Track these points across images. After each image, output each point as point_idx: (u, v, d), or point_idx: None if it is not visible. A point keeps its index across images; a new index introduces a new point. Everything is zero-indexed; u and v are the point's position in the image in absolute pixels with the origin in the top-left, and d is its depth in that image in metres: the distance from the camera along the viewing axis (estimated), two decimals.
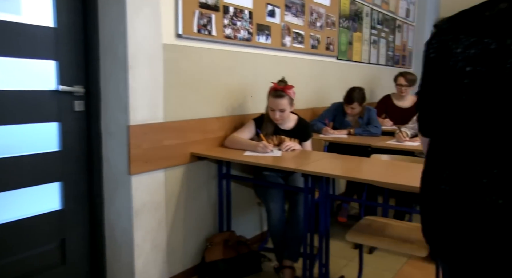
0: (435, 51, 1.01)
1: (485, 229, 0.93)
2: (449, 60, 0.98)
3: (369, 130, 3.36)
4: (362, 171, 2.14)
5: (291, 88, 2.64)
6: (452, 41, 0.98)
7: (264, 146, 2.52)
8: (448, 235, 1.01)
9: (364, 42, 4.49)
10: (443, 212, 1.01)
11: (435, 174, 1.04)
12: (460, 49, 0.96)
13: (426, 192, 1.08)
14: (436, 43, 1.01)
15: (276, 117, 2.65)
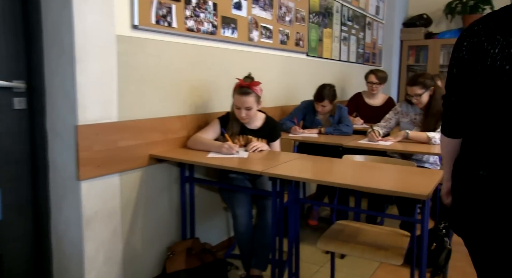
0: (468, 52, 1.05)
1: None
2: (485, 60, 1.01)
3: (340, 129, 3.23)
4: (333, 174, 1.99)
5: (257, 85, 2.47)
6: (488, 42, 1.02)
7: (229, 147, 2.34)
8: (487, 216, 1.08)
9: (334, 38, 4.38)
10: (483, 196, 1.09)
11: (472, 163, 1.11)
12: (497, 49, 1.00)
13: (462, 180, 1.15)
14: (469, 45, 1.06)
15: (242, 116, 2.47)
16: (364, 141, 2.96)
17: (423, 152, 2.74)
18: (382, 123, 3.20)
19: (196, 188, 2.65)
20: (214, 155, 2.31)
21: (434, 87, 2.94)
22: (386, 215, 2.23)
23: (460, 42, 1.09)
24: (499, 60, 0.99)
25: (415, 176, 1.92)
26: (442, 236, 2.72)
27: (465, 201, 1.15)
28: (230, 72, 2.79)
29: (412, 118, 3.10)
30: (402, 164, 2.22)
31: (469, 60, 1.06)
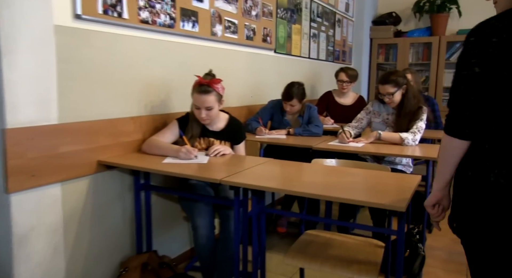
0: (496, 48, 1.04)
1: None
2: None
3: (310, 130, 3.05)
4: (301, 181, 1.79)
5: (219, 83, 2.24)
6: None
7: (187, 151, 2.11)
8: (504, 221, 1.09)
9: (303, 35, 4.20)
10: (502, 205, 1.09)
11: (488, 169, 1.11)
12: None
13: (476, 186, 1.13)
14: (498, 41, 1.04)
15: (202, 117, 2.24)
16: (334, 143, 2.78)
17: (396, 154, 2.59)
18: (353, 124, 3.03)
19: (153, 196, 2.40)
20: (170, 160, 2.08)
21: (406, 86, 2.79)
22: (358, 226, 2.05)
23: (485, 39, 1.06)
24: None
25: (389, 182, 1.75)
26: (416, 242, 2.59)
27: (480, 209, 1.14)
28: (191, 69, 2.55)
29: (385, 118, 2.95)
30: (375, 169, 2.04)
31: (496, 56, 1.05)
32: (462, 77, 1.11)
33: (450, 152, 1.17)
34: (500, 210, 1.10)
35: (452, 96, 1.14)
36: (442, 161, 1.20)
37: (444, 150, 1.18)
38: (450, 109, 1.15)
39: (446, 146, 1.18)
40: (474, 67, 1.08)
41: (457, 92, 1.12)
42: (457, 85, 1.12)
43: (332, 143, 2.76)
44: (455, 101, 1.13)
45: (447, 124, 1.15)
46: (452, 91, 1.15)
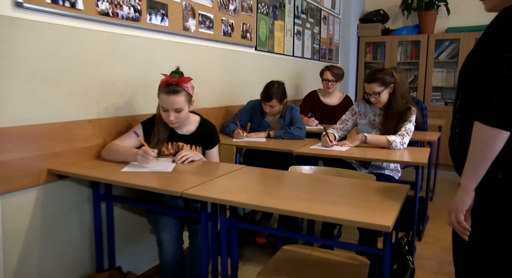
0: None
1: None
2: None
3: (291, 133, 2.82)
4: (274, 194, 1.56)
5: (188, 81, 2.01)
6: None
7: (144, 153, 1.85)
8: None
9: (287, 32, 3.97)
10: None
11: None
12: None
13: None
14: None
15: (171, 120, 2.00)
16: (317, 146, 2.56)
17: (382, 159, 2.37)
18: (338, 125, 2.82)
19: (117, 207, 2.16)
20: (130, 169, 1.83)
21: (394, 85, 2.58)
22: (339, 244, 1.82)
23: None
24: None
25: (374, 194, 1.53)
26: (405, 254, 2.37)
27: None
28: (160, 67, 2.32)
29: (371, 120, 2.74)
30: (359, 177, 1.82)
31: None
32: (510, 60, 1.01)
33: (492, 145, 1.05)
34: None
35: (500, 82, 1.02)
36: (481, 155, 1.08)
37: (484, 142, 1.06)
38: (494, 97, 1.03)
39: (487, 138, 1.05)
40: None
41: (509, 78, 1.01)
42: (508, 69, 1.01)
43: (314, 147, 2.54)
44: (502, 87, 1.02)
45: (491, 114, 1.03)
46: (496, 76, 1.03)
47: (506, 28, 1.04)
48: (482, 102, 1.06)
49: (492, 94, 1.04)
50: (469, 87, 1.15)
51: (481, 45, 1.13)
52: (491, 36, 1.08)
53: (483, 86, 1.06)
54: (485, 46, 1.10)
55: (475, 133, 1.08)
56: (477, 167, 1.10)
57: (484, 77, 1.06)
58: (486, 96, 1.05)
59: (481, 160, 1.09)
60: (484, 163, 1.08)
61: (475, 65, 1.13)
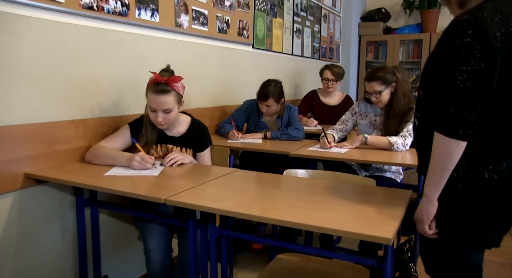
0: (502, 43, 1.03)
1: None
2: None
3: (289, 134, 2.68)
4: (266, 201, 1.42)
5: (178, 81, 1.87)
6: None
7: (141, 159, 1.74)
8: None
9: (286, 30, 3.83)
10: None
11: (481, 166, 1.13)
12: None
13: (469, 185, 1.15)
14: (503, 35, 1.04)
15: (159, 121, 1.87)
16: (315, 148, 2.42)
17: (383, 161, 2.23)
18: (338, 126, 2.68)
19: (103, 213, 2.03)
20: (114, 172, 1.70)
21: (395, 84, 2.44)
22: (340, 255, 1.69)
23: (489, 34, 1.04)
24: None
25: (374, 202, 1.39)
26: (407, 261, 2.23)
27: (476, 206, 1.16)
28: (151, 65, 2.19)
29: (372, 120, 2.60)
30: (358, 181, 1.68)
31: (505, 50, 1.04)
32: (466, 73, 1.04)
33: (452, 156, 1.09)
34: (497, 203, 1.14)
35: (456, 95, 1.06)
36: (442, 166, 1.12)
37: (445, 154, 1.10)
38: (451, 109, 1.07)
39: (448, 150, 1.10)
40: (480, 62, 1.03)
41: (463, 91, 1.05)
42: (462, 82, 1.05)
43: (312, 149, 2.40)
44: (458, 99, 1.06)
45: (450, 126, 1.07)
46: (451, 89, 1.07)
47: (457, 40, 1.07)
48: (441, 114, 1.09)
49: (450, 106, 1.07)
50: (430, 91, 1.18)
51: (437, 53, 1.16)
52: (445, 47, 1.11)
53: (441, 98, 1.10)
54: (440, 56, 1.13)
55: (436, 144, 1.12)
56: (439, 177, 1.13)
57: (441, 89, 1.10)
58: (444, 108, 1.08)
59: (443, 171, 1.12)
60: (446, 173, 1.12)
61: (433, 72, 1.17)
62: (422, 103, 1.22)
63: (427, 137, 1.17)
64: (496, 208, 1.14)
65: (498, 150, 1.12)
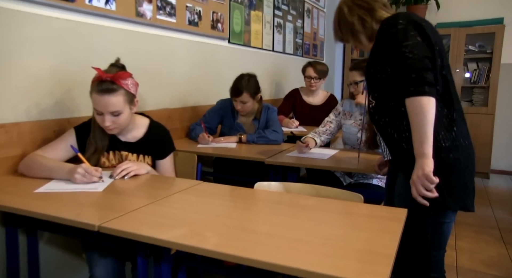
0: (426, 27, 1.27)
1: None
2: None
3: (266, 137, 2.39)
4: (227, 228, 1.12)
5: (127, 77, 1.56)
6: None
7: (85, 172, 1.43)
8: None
9: (266, 24, 3.54)
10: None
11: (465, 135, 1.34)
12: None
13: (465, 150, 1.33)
14: (426, 24, 1.28)
15: (107, 125, 1.56)
16: (295, 154, 2.13)
17: (368, 171, 1.94)
18: (321, 129, 2.39)
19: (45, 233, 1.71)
20: (51, 187, 1.38)
21: None
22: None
23: (416, 19, 1.28)
24: None
25: (363, 227, 1.11)
26: None
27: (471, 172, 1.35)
28: (108, 60, 1.85)
29: (357, 119, 2.33)
30: (343, 197, 1.39)
31: (428, 32, 1.26)
32: (410, 46, 1.22)
33: (428, 110, 1.19)
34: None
35: (410, 63, 1.21)
36: (424, 122, 1.20)
37: (422, 111, 1.19)
38: (414, 74, 1.20)
39: (422, 105, 1.19)
40: (416, 37, 1.23)
41: (414, 58, 1.20)
42: (409, 53, 1.21)
43: (291, 154, 2.11)
44: (418, 66, 1.20)
45: (416, 88, 1.19)
46: (404, 60, 1.22)
47: (392, 29, 1.27)
48: (406, 82, 1.21)
49: (409, 73, 1.20)
50: (383, 85, 1.35)
51: (377, 48, 1.34)
52: (384, 39, 1.30)
53: (401, 72, 1.23)
54: (382, 48, 1.32)
55: (410, 107, 1.21)
56: (426, 132, 1.20)
57: (397, 66, 1.25)
58: (406, 77, 1.21)
59: (426, 125, 1.19)
60: (430, 127, 1.20)
61: (380, 68, 1.33)
62: (378, 87, 1.37)
63: (384, 117, 1.36)
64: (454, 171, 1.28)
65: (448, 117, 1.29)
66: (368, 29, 1.40)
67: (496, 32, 4.44)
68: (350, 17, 1.41)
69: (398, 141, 1.33)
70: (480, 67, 4.76)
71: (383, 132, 1.40)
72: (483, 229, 3.04)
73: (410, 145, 1.25)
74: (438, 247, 1.41)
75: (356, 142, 2.33)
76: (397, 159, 1.40)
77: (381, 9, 1.40)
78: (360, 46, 1.48)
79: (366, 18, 1.39)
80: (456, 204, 1.32)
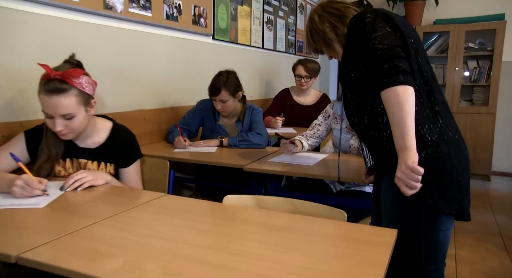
0: (395, 19, 1.17)
1: None
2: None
3: (249, 140, 2.18)
4: (177, 260, 0.91)
5: (79, 75, 1.35)
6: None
7: (25, 184, 1.23)
8: None
9: (254, 20, 3.33)
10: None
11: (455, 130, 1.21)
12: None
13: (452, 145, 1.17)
14: (394, 17, 1.18)
15: (58, 130, 1.36)
16: (279, 159, 1.92)
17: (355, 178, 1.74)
18: (308, 132, 2.18)
19: None
20: None
21: None
22: None
23: (385, 11, 1.19)
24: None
25: (345, 254, 0.90)
26: None
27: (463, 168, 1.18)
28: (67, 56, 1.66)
29: (349, 125, 2.11)
30: (324, 214, 1.19)
31: (398, 23, 1.16)
32: (379, 37, 1.12)
33: (406, 99, 1.06)
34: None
35: (380, 54, 1.11)
36: (404, 112, 1.05)
37: (398, 101, 1.06)
38: (387, 64, 1.09)
39: (399, 95, 1.06)
40: (385, 28, 1.14)
41: (383, 48, 1.10)
42: (379, 43, 1.11)
43: (274, 160, 1.91)
44: (390, 55, 1.09)
45: (390, 77, 1.07)
46: (375, 52, 1.12)
47: (360, 23, 1.17)
48: (379, 75, 1.09)
49: (381, 65, 1.09)
50: (355, 72, 1.23)
51: (348, 46, 1.23)
52: (353, 35, 1.19)
53: (373, 66, 1.12)
54: (351, 44, 1.21)
55: (386, 99, 1.08)
56: (406, 124, 1.06)
57: (367, 61, 1.15)
58: (379, 69, 1.09)
59: (405, 116, 1.06)
60: (410, 117, 1.06)
61: (353, 67, 1.22)
62: (353, 88, 1.25)
63: (362, 119, 1.24)
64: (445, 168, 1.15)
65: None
66: (341, 36, 1.30)
67: (497, 28, 4.23)
68: (321, 26, 1.32)
69: (379, 142, 1.20)
70: (480, 65, 4.54)
71: (364, 135, 1.27)
72: (485, 236, 2.84)
73: (393, 144, 1.10)
74: (435, 259, 1.24)
75: (348, 149, 2.12)
76: (380, 162, 1.26)
77: (353, 15, 1.28)
78: (335, 55, 1.37)
79: (338, 25, 1.30)
80: (451, 207, 1.16)
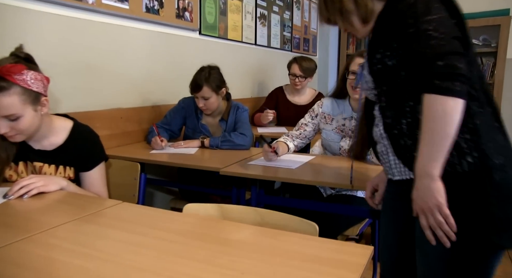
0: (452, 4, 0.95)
1: None
2: None
3: (232, 141, 2.02)
4: None
5: (21, 71, 1.20)
6: None
7: None
8: None
9: (246, 15, 3.17)
10: None
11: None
12: None
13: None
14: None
15: (2, 132, 1.22)
16: (260, 162, 1.77)
17: (342, 184, 1.57)
18: (294, 132, 2.02)
19: None
20: None
21: None
22: None
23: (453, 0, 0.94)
24: None
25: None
26: None
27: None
28: (34, 52, 1.52)
29: (340, 125, 1.95)
30: (295, 227, 1.02)
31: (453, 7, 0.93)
32: (435, 21, 0.87)
33: (453, 117, 0.84)
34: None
35: (439, 45, 0.85)
36: (443, 133, 0.85)
37: (444, 117, 0.84)
38: (446, 62, 0.84)
39: (446, 110, 0.84)
40: (441, 10, 0.90)
41: (440, 37, 0.85)
42: (434, 30, 0.86)
43: (254, 163, 1.75)
44: (448, 49, 0.84)
45: (449, 82, 0.83)
46: (427, 40, 0.86)
47: (405, 1, 0.93)
48: (428, 71, 0.86)
49: (434, 59, 0.85)
50: (394, 77, 0.97)
51: (382, 31, 1.00)
52: (396, 15, 0.95)
53: (420, 57, 0.88)
54: (391, 27, 0.96)
55: (429, 108, 0.86)
56: (441, 148, 0.87)
57: (416, 49, 0.89)
58: (429, 64, 0.86)
59: (444, 138, 0.86)
60: (447, 141, 0.86)
61: (390, 53, 0.97)
62: (387, 80, 0.99)
63: (399, 122, 0.97)
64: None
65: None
66: (362, 8, 1.03)
67: (502, 24, 4.03)
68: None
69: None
70: (484, 62, 4.34)
71: (396, 143, 1.00)
72: None
73: (443, 163, 0.89)
74: None
75: (338, 151, 1.95)
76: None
77: None
78: (351, 29, 1.10)
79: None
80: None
